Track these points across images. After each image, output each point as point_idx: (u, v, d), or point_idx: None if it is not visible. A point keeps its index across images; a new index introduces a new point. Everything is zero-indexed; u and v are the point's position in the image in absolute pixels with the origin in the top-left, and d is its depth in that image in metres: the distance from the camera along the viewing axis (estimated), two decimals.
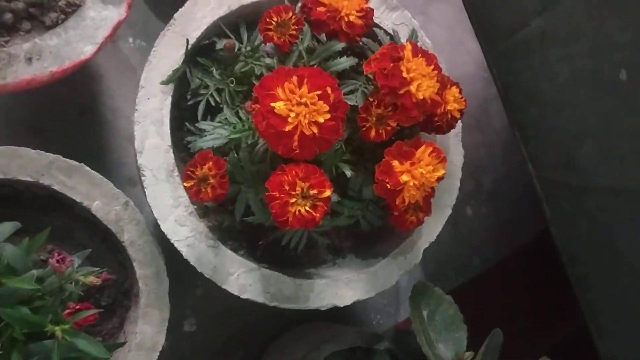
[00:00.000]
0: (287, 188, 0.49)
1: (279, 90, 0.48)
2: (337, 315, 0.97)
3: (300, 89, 0.48)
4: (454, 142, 0.69)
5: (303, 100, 0.48)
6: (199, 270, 0.58)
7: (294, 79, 0.49)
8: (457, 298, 0.68)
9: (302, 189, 0.49)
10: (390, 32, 0.66)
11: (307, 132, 0.48)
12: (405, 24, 0.68)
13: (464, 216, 1.09)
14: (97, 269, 0.50)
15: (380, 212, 0.63)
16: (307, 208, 0.49)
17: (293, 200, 0.49)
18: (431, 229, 0.67)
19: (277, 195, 0.49)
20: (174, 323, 0.64)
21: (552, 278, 1.00)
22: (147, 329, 0.61)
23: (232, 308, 0.91)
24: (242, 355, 0.93)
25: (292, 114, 0.48)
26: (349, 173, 0.58)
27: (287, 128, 0.48)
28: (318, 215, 0.50)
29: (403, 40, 0.66)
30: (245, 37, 0.62)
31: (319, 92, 0.48)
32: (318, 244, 0.62)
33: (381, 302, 1.01)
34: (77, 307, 0.47)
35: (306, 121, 0.48)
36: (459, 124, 0.68)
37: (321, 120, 0.48)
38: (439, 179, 0.57)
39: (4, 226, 0.51)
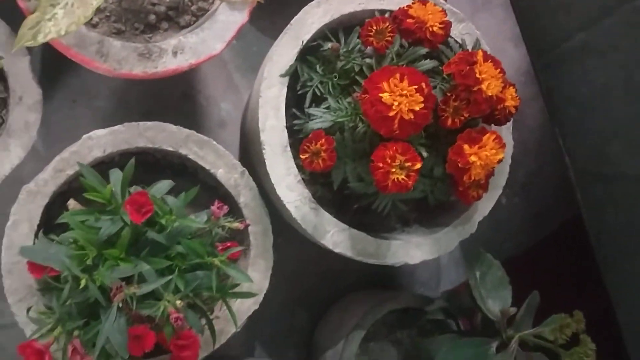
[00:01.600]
0: (388, 160, 0.63)
1: (385, 84, 0.63)
2: (389, 286, 1.12)
3: (401, 83, 0.63)
4: (505, 134, 0.83)
5: (404, 92, 0.62)
6: (303, 226, 0.73)
7: (397, 75, 0.63)
8: None
9: (400, 161, 0.63)
10: (459, 40, 0.80)
11: (406, 117, 0.62)
12: (469, 33, 0.82)
13: (499, 204, 1.22)
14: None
15: (445, 189, 0.77)
16: (403, 176, 0.63)
17: (393, 169, 0.63)
18: (485, 205, 0.81)
19: (381, 165, 0.63)
20: None
21: (575, 263, 1.14)
22: (255, 276, 0.75)
23: (298, 273, 1.05)
24: (306, 315, 1.07)
25: (396, 103, 0.62)
26: (424, 154, 0.72)
27: (391, 113, 0.62)
28: (410, 182, 0.64)
29: (469, 47, 0.80)
30: (342, 39, 0.76)
31: (416, 86, 0.63)
32: (396, 211, 0.76)
33: (425, 275, 1.15)
34: (228, 244, 0.61)
35: (406, 109, 0.62)
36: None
37: (417, 108, 0.63)
38: (499, 161, 0.71)
39: (163, 183, 0.65)
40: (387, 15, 0.77)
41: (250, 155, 0.80)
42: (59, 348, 0.58)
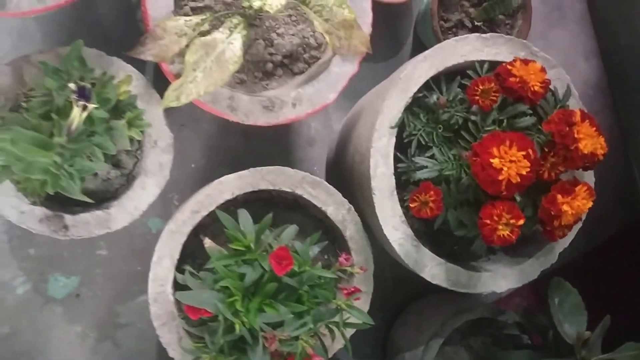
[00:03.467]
0: (495, 218, 0.70)
1: (495, 150, 0.70)
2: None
3: (510, 149, 0.69)
4: (588, 173, 0.89)
5: (513, 158, 0.69)
6: (405, 261, 0.81)
7: (507, 142, 0.70)
8: None
9: (506, 219, 0.71)
10: (552, 87, 0.85)
11: (514, 181, 0.69)
12: (560, 79, 0.87)
13: None
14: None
15: (532, 225, 0.84)
16: (507, 232, 0.71)
17: (500, 227, 0.71)
18: (567, 238, 0.89)
19: (488, 222, 0.71)
20: None
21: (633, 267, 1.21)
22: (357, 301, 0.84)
23: (375, 277, 1.15)
24: (381, 315, 1.17)
25: (505, 168, 0.69)
26: (517, 197, 0.79)
27: (501, 178, 0.69)
28: (514, 237, 0.71)
29: (560, 90, 0.85)
30: (444, 87, 0.82)
31: (523, 153, 0.69)
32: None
33: None
34: (352, 289, 0.70)
35: (514, 173, 0.69)
36: None
37: (524, 172, 0.69)
38: (588, 208, 0.78)
39: (290, 229, 0.74)
40: (485, 65, 0.83)
41: (353, 189, 0.88)
42: None
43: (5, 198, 0.75)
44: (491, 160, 0.69)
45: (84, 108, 0.58)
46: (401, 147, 0.82)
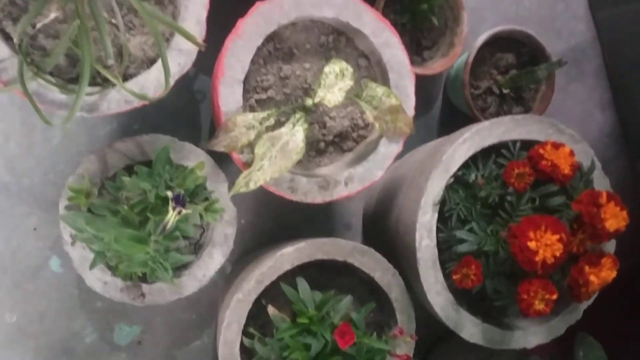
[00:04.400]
0: (532, 294, 0.79)
1: (532, 234, 0.78)
2: None
3: (545, 233, 0.78)
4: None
5: (548, 242, 0.78)
6: (446, 323, 0.90)
7: (542, 227, 0.78)
8: None
9: (542, 295, 0.79)
10: (577, 161, 0.93)
11: (549, 262, 0.78)
12: (585, 152, 0.96)
13: None
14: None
15: (561, 290, 0.93)
16: (543, 306, 0.80)
17: (536, 302, 0.79)
18: (591, 298, 0.97)
19: (525, 297, 0.80)
20: None
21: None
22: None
23: None
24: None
25: (541, 251, 0.78)
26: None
27: (537, 259, 0.78)
28: (548, 309, 0.80)
29: (583, 161, 0.94)
30: (480, 165, 0.91)
31: (557, 237, 0.78)
32: None
33: None
34: (405, 357, 0.79)
35: (549, 255, 0.78)
36: None
37: (557, 254, 0.78)
38: (613, 278, 0.86)
39: (347, 300, 0.83)
40: (518, 143, 0.91)
41: (397, 253, 0.97)
42: None
43: (90, 271, 0.84)
44: (528, 243, 0.78)
45: (179, 212, 0.66)
46: (441, 219, 0.91)
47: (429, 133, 1.23)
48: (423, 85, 1.23)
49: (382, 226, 1.06)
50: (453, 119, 1.23)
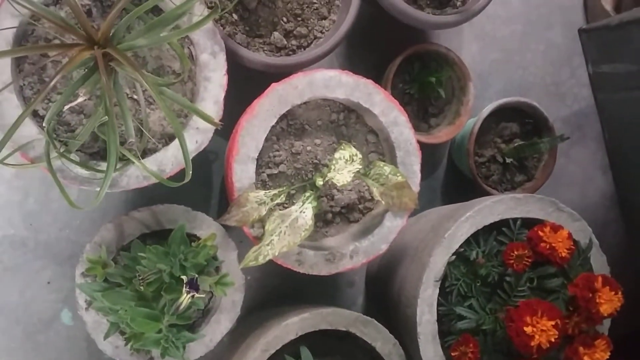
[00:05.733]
0: None
1: (528, 319, 0.81)
2: None
3: (541, 319, 0.81)
4: None
5: (544, 328, 0.81)
6: None
7: (539, 312, 0.81)
8: None
9: None
10: (575, 238, 0.96)
11: (544, 347, 0.81)
12: (583, 230, 0.99)
13: None
14: None
15: None
16: None
17: None
18: None
19: None
20: None
21: None
22: None
23: None
24: None
25: (537, 336, 0.81)
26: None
27: (532, 344, 0.81)
28: None
29: (581, 239, 0.97)
30: (481, 241, 0.94)
31: (553, 323, 0.81)
32: None
33: None
34: None
35: (544, 340, 0.81)
36: None
37: (553, 340, 0.81)
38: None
39: None
40: (518, 222, 0.94)
41: (397, 323, 1.00)
42: None
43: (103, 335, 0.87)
44: (525, 328, 0.81)
45: (192, 296, 0.70)
46: (442, 293, 0.94)
47: (432, 196, 1.26)
48: (429, 148, 1.27)
49: (384, 292, 1.09)
50: (457, 183, 1.27)
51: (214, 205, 1.15)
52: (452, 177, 1.27)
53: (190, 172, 0.70)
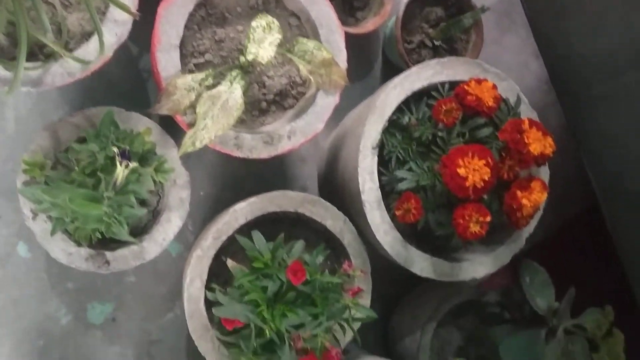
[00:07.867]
0: (467, 218, 0.85)
1: (460, 161, 0.84)
2: None
3: (473, 160, 0.84)
4: (543, 168, 1.04)
5: (476, 167, 0.84)
6: (397, 260, 0.96)
7: (470, 153, 0.84)
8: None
9: (476, 218, 0.86)
10: (505, 97, 1.00)
11: (479, 186, 0.84)
12: (511, 89, 1.02)
13: None
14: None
15: (500, 217, 0.99)
16: (478, 228, 0.86)
17: (471, 225, 0.85)
18: (531, 225, 1.04)
19: (461, 221, 0.86)
20: None
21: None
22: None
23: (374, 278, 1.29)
24: (381, 307, 1.31)
25: (470, 176, 0.84)
26: (485, 196, 0.94)
27: (467, 184, 0.84)
28: (483, 231, 0.86)
29: (512, 98, 1.00)
30: (413, 109, 0.97)
31: (484, 161, 0.84)
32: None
33: None
34: (357, 289, 0.85)
35: (478, 179, 0.84)
36: None
37: (486, 178, 0.84)
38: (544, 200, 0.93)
39: (298, 245, 0.88)
40: (446, 85, 0.97)
41: (345, 202, 1.02)
42: None
43: (55, 243, 0.88)
44: (458, 170, 0.84)
45: (127, 166, 0.71)
46: (383, 163, 0.97)
47: (371, 93, 1.28)
48: (362, 46, 1.29)
49: (333, 182, 1.11)
50: (393, 77, 1.29)
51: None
52: (389, 73, 1.29)
53: (109, 49, 0.71)
